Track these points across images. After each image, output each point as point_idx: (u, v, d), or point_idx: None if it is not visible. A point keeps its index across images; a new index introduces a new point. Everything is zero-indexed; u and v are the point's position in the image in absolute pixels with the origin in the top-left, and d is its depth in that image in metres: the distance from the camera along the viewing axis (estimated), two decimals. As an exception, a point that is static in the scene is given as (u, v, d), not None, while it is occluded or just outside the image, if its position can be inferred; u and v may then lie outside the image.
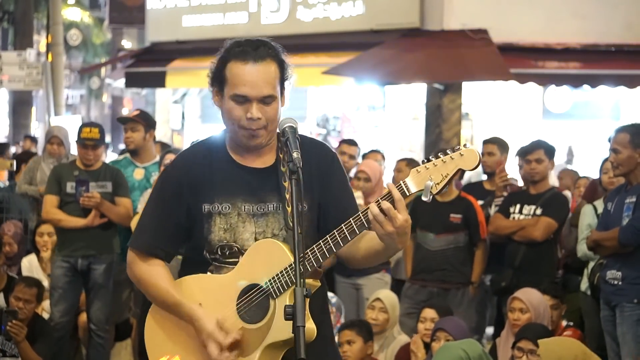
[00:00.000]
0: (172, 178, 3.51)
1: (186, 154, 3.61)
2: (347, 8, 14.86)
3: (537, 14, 13.49)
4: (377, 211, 3.19)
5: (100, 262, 7.64)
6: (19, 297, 6.90)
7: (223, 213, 3.41)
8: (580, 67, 13.35)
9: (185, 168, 3.49)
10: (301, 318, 2.98)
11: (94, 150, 7.71)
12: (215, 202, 3.41)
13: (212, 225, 3.41)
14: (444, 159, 3.18)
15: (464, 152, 3.16)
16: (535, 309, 6.50)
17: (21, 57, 18.61)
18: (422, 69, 13.18)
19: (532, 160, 7.59)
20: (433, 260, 7.59)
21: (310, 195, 3.44)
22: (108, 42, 35.44)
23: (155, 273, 3.48)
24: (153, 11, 18.09)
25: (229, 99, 3.36)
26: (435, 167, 3.18)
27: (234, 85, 3.34)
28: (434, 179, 3.18)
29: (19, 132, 24.47)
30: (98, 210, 7.57)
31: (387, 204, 3.18)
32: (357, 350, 6.36)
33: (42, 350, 6.82)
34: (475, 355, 5.48)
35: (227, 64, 3.37)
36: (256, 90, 3.32)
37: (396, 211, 3.17)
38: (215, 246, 3.42)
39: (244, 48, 3.36)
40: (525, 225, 7.48)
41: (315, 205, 3.47)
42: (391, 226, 3.18)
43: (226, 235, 3.41)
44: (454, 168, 3.17)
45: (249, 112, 3.32)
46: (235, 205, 3.41)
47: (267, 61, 3.34)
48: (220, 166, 3.45)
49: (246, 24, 16.09)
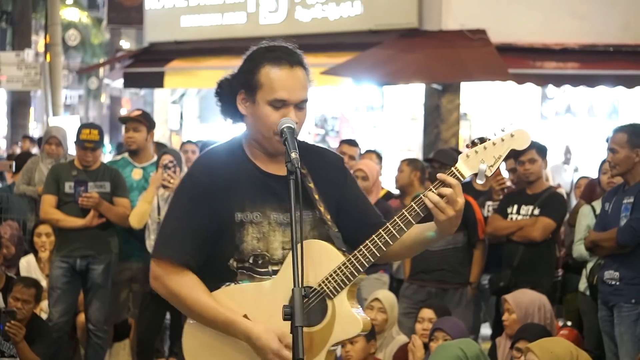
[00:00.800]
0: (200, 183, 3.35)
1: (211, 159, 3.43)
2: (345, 8, 14.87)
3: (536, 14, 13.50)
4: (437, 198, 3.22)
5: (98, 262, 7.64)
6: (18, 298, 6.90)
7: (255, 222, 3.34)
8: (579, 67, 13.36)
9: (213, 174, 3.36)
10: (299, 318, 2.98)
11: (93, 152, 7.71)
12: (247, 211, 3.34)
13: (245, 234, 3.33)
14: (495, 140, 3.19)
15: (515, 133, 3.18)
16: (522, 309, 6.49)
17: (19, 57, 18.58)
18: (420, 69, 13.19)
19: (526, 161, 7.58)
20: (432, 261, 7.58)
21: (327, 200, 3.43)
22: (106, 43, 35.43)
23: (192, 286, 3.29)
24: (151, 11, 18.09)
25: (266, 104, 3.30)
26: (485, 150, 3.20)
27: (272, 90, 3.29)
28: (487, 161, 3.20)
29: (17, 132, 24.45)
30: (96, 210, 7.57)
31: (448, 189, 3.22)
32: (359, 350, 6.36)
33: (41, 351, 6.82)
34: (473, 355, 5.48)
35: (261, 69, 3.31)
36: (295, 95, 3.30)
37: (456, 195, 3.21)
38: (248, 255, 3.34)
39: (279, 53, 3.33)
40: (523, 225, 7.48)
41: (333, 211, 3.44)
42: (452, 210, 3.22)
43: (259, 245, 3.34)
44: (506, 149, 3.19)
45: (287, 116, 3.28)
46: (265, 214, 3.35)
47: (300, 67, 3.34)
48: (247, 174, 3.38)
49: (244, 24, 16.09)
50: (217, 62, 15.93)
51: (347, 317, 3.25)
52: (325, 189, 3.43)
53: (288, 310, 3.01)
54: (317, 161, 3.46)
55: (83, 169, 7.71)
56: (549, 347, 5.08)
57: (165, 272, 3.32)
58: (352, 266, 3.26)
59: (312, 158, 3.44)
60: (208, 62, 16.17)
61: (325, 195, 3.42)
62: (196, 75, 16.95)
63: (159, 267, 3.33)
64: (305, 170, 3.37)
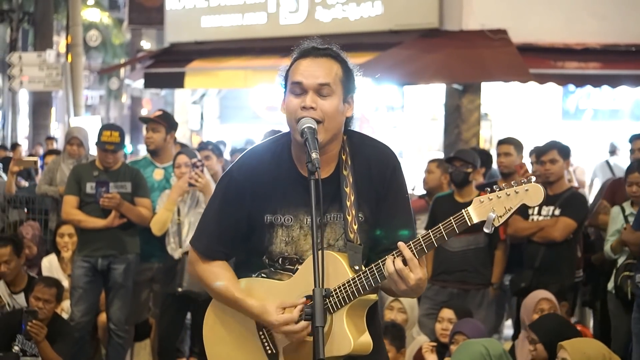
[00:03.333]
0: (235, 182, 3.47)
1: (252, 158, 3.51)
2: (365, 8, 14.85)
3: (557, 14, 13.44)
4: (392, 269, 3.21)
5: (120, 262, 7.66)
6: (39, 297, 6.93)
7: (285, 225, 3.40)
8: (600, 67, 13.29)
9: (250, 174, 3.44)
10: (320, 318, 3.01)
11: (113, 155, 7.74)
12: (278, 214, 3.41)
13: (274, 236, 3.42)
14: (508, 191, 3.17)
15: (530, 188, 3.16)
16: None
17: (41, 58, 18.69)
18: (441, 69, 13.16)
19: (546, 161, 7.55)
20: (453, 261, 7.58)
21: (369, 205, 3.43)
22: (127, 43, 35.54)
23: (215, 272, 3.50)
24: (172, 12, 18.13)
25: (289, 93, 3.35)
26: (499, 199, 3.18)
27: (291, 77, 3.36)
28: (497, 211, 3.18)
29: (38, 133, 24.56)
30: (118, 211, 7.59)
31: (400, 263, 3.19)
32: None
33: (62, 350, 6.85)
34: (496, 354, 5.49)
35: (292, 66, 3.39)
36: (311, 79, 3.31)
37: (409, 271, 3.20)
38: (276, 256, 3.44)
39: (309, 49, 3.39)
40: (544, 226, 7.46)
41: (373, 218, 3.44)
42: (404, 285, 3.22)
43: (287, 248, 3.42)
44: (518, 203, 3.18)
45: (303, 102, 3.30)
46: (298, 218, 3.40)
47: (328, 58, 3.37)
48: (285, 176, 3.42)
49: (265, 24, 16.10)
50: (237, 62, 15.97)
51: (340, 335, 3.26)
52: (366, 193, 3.42)
53: (309, 311, 3.05)
54: (363, 164, 3.43)
55: (104, 170, 7.74)
56: (582, 347, 5.08)
57: (196, 260, 3.56)
58: (355, 286, 3.28)
59: (362, 159, 3.43)
60: (228, 62, 16.20)
61: (364, 200, 3.41)
62: (216, 75, 16.97)
63: (193, 254, 3.58)
64: (347, 172, 3.39)
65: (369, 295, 3.32)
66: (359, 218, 3.38)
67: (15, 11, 27.16)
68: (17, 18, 26.97)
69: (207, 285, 3.54)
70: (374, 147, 3.50)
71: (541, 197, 3.17)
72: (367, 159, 3.43)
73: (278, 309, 3.34)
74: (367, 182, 3.40)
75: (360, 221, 3.38)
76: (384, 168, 3.46)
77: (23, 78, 18.60)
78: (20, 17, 27.04)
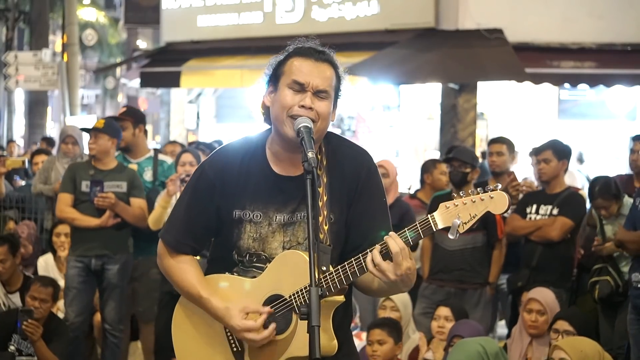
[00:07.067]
0: (206, 177, 3.49)
1: (224, 154, 3.54)
2: (362, 8, 14.86)
3: (553, 14, 13.46)
4: (379, 259, 3.20)
5: (114, 262, 7.63)
6: (35, 297, 6.92)
7: (254, 222, 3.42)
8: (596, 66, 13.31)
9: (220, 169, 3.47)
10: (316, 318, 3.00)
11: (95, 138, 7.62)
12: (247, 209, 3.43)
13: (242, 232, 3.44)
14: (474, 198, 3.17)
15: (495, 195, 3.16)
16: (552, 310, 6.49)
17: (37, 57, 18.70)
18: (437, 68, 13.17)
19: (541, 161, 7.56)
20: (451, 260, 7.58)
21: (340, 206, 3.43)
22: (123, 42, 35.54)
23: (182, 267, 3.53)
24: (168, 11, 18.13)
25: (285, 87, 3.35)
26: (464, 205, 3.18)
27: (292, 74, 3.35)
28: (462, 217, 3.17)
29: (34, 132, 24.56)
30: (112, 210, 7.57)
31: (396, 247, 3.18)
32: (387, 351, 6.38)
33: (58, 350, 6.84)
34: (493, 352, 5.51)
35: (288, 61, 3.39)
36: (314, 82, 3.33)
37: (402, 259, 3.19)
38: (244, 252, 3.45)
39: (308, 49, 3.41)
40: (542, 225, 7.45)
41: (343, 220, 3.45)
42: (393, 274, 3.20)
43: (255, 244, 3.43)
44: (482, 210, 3.17)
45: (302, 101, 3.32)
46: (267, 215, 3.42)
47: (327, 65, 3.39)
48: (257, 173, 3.44)
49: (261, 23, 16.11)
50: (233, 61, 15.97)
51: (305, 336, 3.19)
52: (338, 194, 3.42)
53: (305, 310, 3.04)
54: (338, 165, 3.45)
55: (100, 168, 7.69)
56: (579, 346, 5.09)
57: (164, 253, 3.58)
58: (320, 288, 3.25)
59: (337, 160, 3.45)
60: (224, 61, 16.20)
61: (336, 201, 3.42)
62: (213, 74, 16.98)
63: (162, 246, 3.59)
64: (321, 172, 3.40)
65: (335, 297, 3.32)
66: (329, 219, 3.39)
67: (11, 10, 27.15)
68: (13, 17, 26.96)
69: (173, 281, 3.56)
70: (351, 148, 3.53)
71: (505, 206, 3.16)
72: (342, 159, 3.45)
73: (241, 313, 3.36)
74: (340, 182, 3.41)
75: (331, 222, 3.38)
76: (359, 168, 3.48)
77: (19, 77, 18.61)
78: (16, 16, 27.03)
